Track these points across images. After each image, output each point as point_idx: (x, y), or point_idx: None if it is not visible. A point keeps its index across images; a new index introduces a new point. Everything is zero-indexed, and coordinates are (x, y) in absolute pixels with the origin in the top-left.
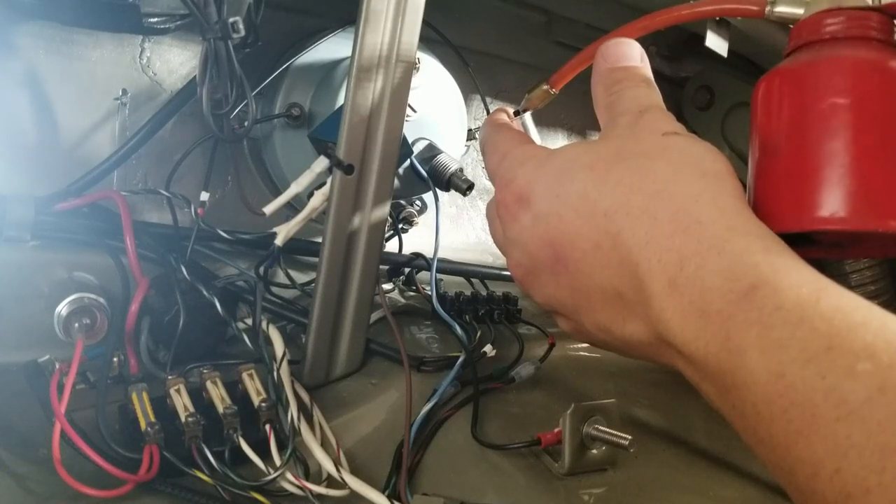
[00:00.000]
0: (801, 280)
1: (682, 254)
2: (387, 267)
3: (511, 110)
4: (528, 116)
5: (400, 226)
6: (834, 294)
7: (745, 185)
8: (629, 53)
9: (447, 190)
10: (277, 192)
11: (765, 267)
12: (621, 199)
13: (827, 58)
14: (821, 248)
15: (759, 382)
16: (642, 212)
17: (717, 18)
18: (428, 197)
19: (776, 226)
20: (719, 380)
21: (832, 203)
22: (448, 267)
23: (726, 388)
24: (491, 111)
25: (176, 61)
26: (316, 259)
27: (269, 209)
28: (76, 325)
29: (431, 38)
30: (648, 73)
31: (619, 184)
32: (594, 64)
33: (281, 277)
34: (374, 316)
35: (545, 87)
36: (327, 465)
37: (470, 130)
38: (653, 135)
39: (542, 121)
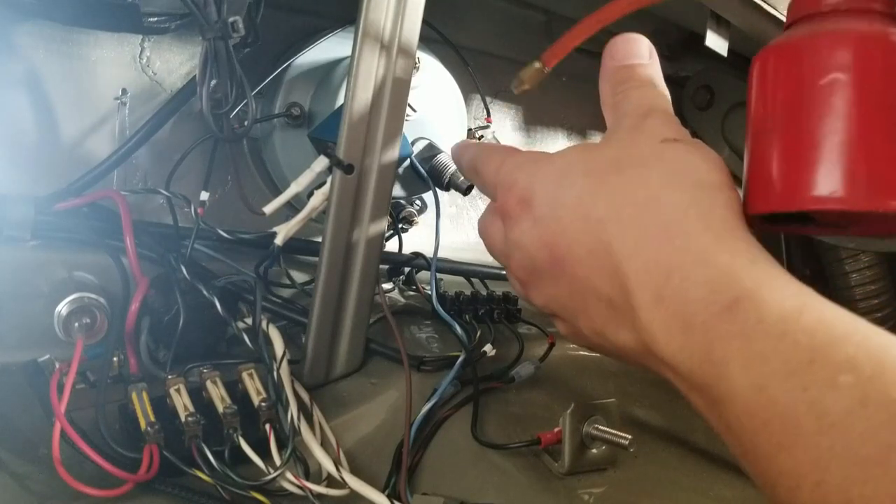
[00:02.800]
0: (784, 293)
1: (669, 265)
2: (387, 266)
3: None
4: (494, 135)
5: (400, 225)
6: (817, 307)
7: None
8: (636, 50)
9: (447, 190)
10: (277, 192)
11: (748, 281)
12: (614, 208)
13: (827, 31)
14: (818, 227)
15: (742, 395)
16: (632, 221)
17: (717, 17)
18: (428, 196)
19: (772, 205)
20: (705, 392)
21: (831, 182)
22: (448, 266)
23: (711, 401)
24: (490, 112)
25: (176, 61)
26: (316, 259)
27: (269, 209)
28: (76, 324)
29: (431, 38)
30: (655, 71)
31: (614, 192)
32: (602, 61)
33: (281, 277)
34: (374, 316)
35: (538, 64)
36: (327, 465)
37: (470, 130)
38: (651, 141)
39: (542, 120)
